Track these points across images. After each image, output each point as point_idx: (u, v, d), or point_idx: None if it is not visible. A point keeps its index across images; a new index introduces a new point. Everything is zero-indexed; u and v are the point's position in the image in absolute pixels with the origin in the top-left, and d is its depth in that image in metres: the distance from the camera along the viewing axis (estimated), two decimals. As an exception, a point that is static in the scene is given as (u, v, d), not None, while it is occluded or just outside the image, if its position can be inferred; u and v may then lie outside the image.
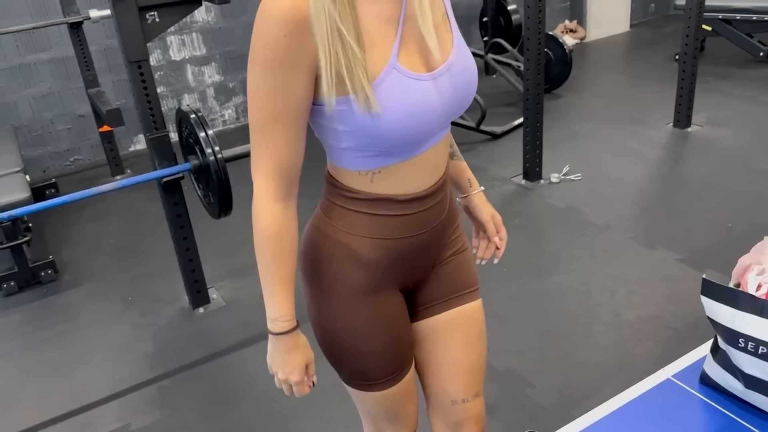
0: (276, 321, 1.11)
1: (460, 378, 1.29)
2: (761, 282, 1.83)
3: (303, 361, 1.15)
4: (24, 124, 4.40)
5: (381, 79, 0.97)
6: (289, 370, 1.14)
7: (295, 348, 1.13)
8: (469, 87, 1.08)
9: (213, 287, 2.94)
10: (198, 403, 2.30)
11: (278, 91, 0.98)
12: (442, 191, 1.16)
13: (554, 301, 2.63)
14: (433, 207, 1.14)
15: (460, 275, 1.26)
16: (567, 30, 6.54)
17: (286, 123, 1.00)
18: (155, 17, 2.38)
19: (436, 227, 1.17)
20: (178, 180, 2.55)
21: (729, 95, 4.74)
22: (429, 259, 1.22)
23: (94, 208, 3.87)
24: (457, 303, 1.26)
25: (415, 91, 0.99)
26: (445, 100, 1.04)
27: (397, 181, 1.08)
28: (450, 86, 1.04)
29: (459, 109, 1.08)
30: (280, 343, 1.12)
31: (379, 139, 1.00)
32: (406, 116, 0.98)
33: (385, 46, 0.98)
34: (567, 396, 2.14)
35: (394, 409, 1.30)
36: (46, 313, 2.95)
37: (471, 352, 1.29)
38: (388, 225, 1.11)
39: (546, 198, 3.47)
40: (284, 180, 1.05)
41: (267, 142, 1.02)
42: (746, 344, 1.81)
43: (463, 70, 1.07)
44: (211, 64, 5.00)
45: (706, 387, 2.07)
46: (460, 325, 1.27)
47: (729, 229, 3.03)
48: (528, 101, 3.52)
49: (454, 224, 1.25)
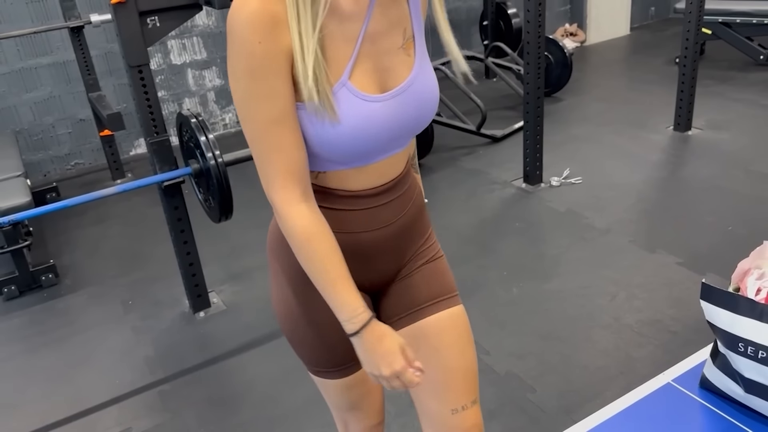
0: (350, 321, 1.06)
1: (458, 384, 1.25)
2: (761, 286, 1.83)
3: (396, 347, 1.07)
4: (25, 128, 4.40)
5: (334, 92, 0.99)
6: (389, 360, 1.06)
7: (382, 337, 1.07)
8: (426, 107, 1.09)
9: (213, 291, 2.94)
10: (198, 408, 2.30)
11: (270, 95, 0.98)
12: (393, 194, 1.15)
13: (554, 304, 2.63)
14: (380, 207, 1.13)
15: (435, 283, 1.24)
16: (567, 33, 6.55)
17: (287, 124, 1.00)
18: (156, 22, 2.39)
19: (386, 229, 1.15)
20: (178, 184, 2.56)
21: (729, 98, 4.74)
22: (388, 263, 1.20)
23: (95, 212, 3.87)
24: (436, 310, 1.23)
25: (362, 110, 1.00)
26: (398, 121, 1.05)
27: (339, 181, 1.10)
28: (404, 107, 1.05)
29: (414, 129, 1.10)
30: (365, 340, 1.06)
31: (324, 148, 1.02)
32: (349, 131, 1.00)
33: (341, 63, 1.00)
34: (568, 400, 2.14)
35: (352, 399, 1.30)
36: (46, 317, 2.95)
37: (461, 357, 1.25)
38: (329, 217, 1.09)
39: (546, 201, 3.47)
40: (301, 182, 1.03)
41: (273, 150, 1.00)
42: (746, 348, 1.81)
43: (422, 92, 1.07)
44: (212, 68, 5.01)
45: (706, 391, 2.07)
46: (445, 331, 1.23)
47: (729, 232, 3.03)
48: (528, 104, 3.52)
49: (421, 232, 1.25)
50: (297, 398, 2.26)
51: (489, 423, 2.05)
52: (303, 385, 2.28)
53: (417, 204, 1.24)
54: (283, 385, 2.32)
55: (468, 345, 1.26)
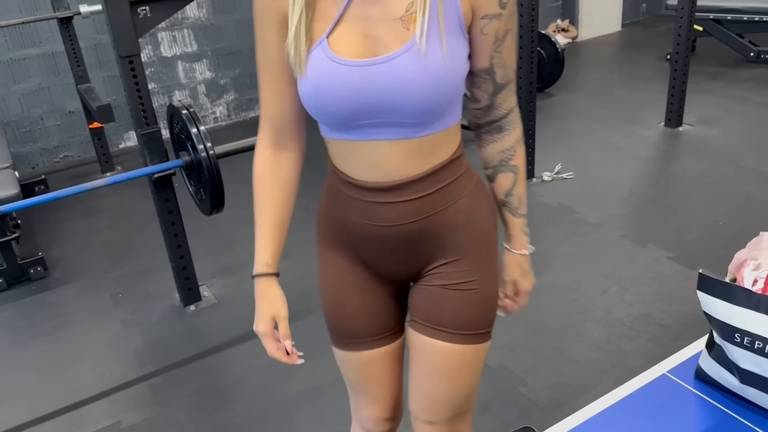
0: (256, 264, 1.16)
1: (420, 399, 1.25)
2: (757, 277, 1.84)
3: (269, 312, 1.15)
4: (13, 120, 4.36)
5: (312, 49, 1.02)
6: (257, 319, 1.16)
7: (263, 295, 1.16)
8: (408, 90, 0.99)
9: (204, 284, 2.92)
10: (189, 401, 2.29)
11: (261, 43, 1.08)
12: (397, 196, 1.08)
13: (547, 298, 2.63)
14: (380, 205, 1.09)
15: (440, 309, 1.17)
16: (559, 29, 6.56)
17: (270, 72, 1.09)
18: (147, 12, 2.36)
19: (389, 229, 1.11)
20: (169, 176, 2.53)
21: (720, 95, 4.76)
22: (398, 265, 1.17)
23: (84, 205, 3.84)
24: (431, 334, 1.17)
25: (327, 70, 1.00)
26: (362, 92, 0.99)
27: (340, 159, 1.12)
28: (376, 81, 0.99)
29: (388, 110, 1.00)
30: (255, 290, 1.16)
31: (301, 101, 1.07)
32: (312, 87, 1.02)
33: (326, 22, 1.01)
34: (560, 393, 2.14)
35: (359, 378, 1.30)
36: (35, 311, 2.92)
37: (429, 384, 1.21)
38: (336, 196, 1.15)
39: (538, 196, 3.47)
40: (273, 130, 1.14)
41: (260, 90, 1.13)
42: (742, 339, 1.82)
43: (407, 71, 0.98)
44: (203, 60, 4.98)
45: (701, 382, 2.07)
46: (427, 357, 1.19)
47: (720, 228, 3.05)
48: (520, 100, 3.52)
49: (446, 252, 1.15)
50: (288, 392, 2.25)
51: (481, 416, 2.05)
52: (294, 379, 2.27)
53: (450, 221, 1.13)
54: (274, 379, 2.31)
55: (443, 380, 1.20)
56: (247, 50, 5.12)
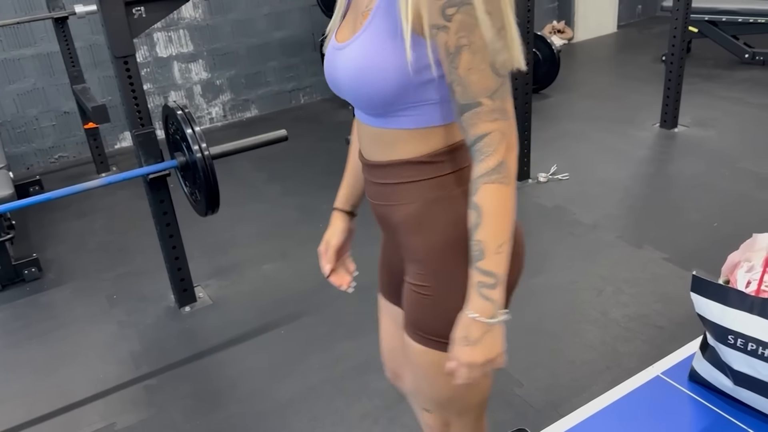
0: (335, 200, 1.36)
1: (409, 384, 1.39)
2: (750, 279, 1.84)
3: (326, 237, 1.36)
4: (8, 120, 4.34)
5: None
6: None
7: (330, 224, 1.37)
8: (341, 76, 1.06)
9: (199, 286, 2.92)
10: (184, 402, 2.28)
11: None
12: (369, 176, 1.18)
13: (542, 299, 2.63)
14: (368, 183, 1.20)
15: (405, 303, 1.20)
16: (555, 30, 6.57)
17: None
18: (142, 12, 2.35)
19: (376, 209, 1.20)
20: (164, 177, 2.53)
21: (715, 96, 4.78)
22: (393, 246, 1.24)
23: (79, 206, 3.83)
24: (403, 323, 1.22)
25: (328, 55, 1.13)
26: (330, 75, 1.12)
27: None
28: (336, 69, 1.09)
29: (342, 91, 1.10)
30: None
31: None
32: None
33: (339, 15, 1.16)
34: (555, 394, 2.14)
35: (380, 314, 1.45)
36: (29, 312, 2.91)
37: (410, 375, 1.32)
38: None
39: (534, 197, 3.48)
40: None
41: None
42: (735, 341, 1.82)
43: (346, 61, 1.04)
44: (198, 61, 4.97)
45: (695, 384, 2.08)
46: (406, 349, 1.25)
47: (715, 229, 3.05)
48: (516, 101, 3.52)
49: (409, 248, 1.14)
50: (284, 393, 2.24)
51: (477, 417, 2.05)
52: (290, 380, 2.27)
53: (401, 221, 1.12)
54: (270, 380, 2.31)
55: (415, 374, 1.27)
56: (242, 51, 5.11)
